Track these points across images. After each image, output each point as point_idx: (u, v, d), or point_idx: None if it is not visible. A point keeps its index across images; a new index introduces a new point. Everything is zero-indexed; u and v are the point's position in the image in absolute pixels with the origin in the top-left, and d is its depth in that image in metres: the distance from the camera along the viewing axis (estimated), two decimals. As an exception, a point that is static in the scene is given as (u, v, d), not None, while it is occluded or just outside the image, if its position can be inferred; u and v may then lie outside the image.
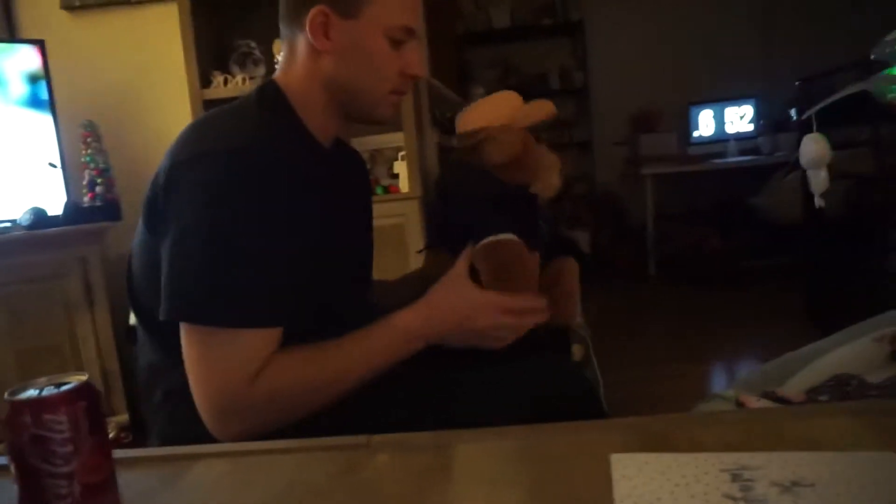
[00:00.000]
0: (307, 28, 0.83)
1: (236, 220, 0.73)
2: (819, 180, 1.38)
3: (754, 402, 1.14)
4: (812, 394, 1.22)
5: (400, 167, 2.12)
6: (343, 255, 0.89)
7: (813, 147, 1.37)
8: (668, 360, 2.63)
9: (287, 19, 0.87)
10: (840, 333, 1.50)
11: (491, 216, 0.82)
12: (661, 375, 2.43)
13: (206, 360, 0.73)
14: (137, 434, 1.94)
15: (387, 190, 2.12)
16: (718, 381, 2.48)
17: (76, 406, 0.47)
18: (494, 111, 0.88)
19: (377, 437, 0.65)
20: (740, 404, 1.15)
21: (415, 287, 0.89)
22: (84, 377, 0.49)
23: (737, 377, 2.36)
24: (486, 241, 0.80)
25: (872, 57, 1.32)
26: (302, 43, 0.85)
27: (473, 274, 0.85)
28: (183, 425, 0.75)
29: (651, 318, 3.49)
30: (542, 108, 0.90)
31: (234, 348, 0.73)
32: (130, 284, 0.86)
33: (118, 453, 0.56)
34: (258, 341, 0.74)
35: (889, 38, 1.27)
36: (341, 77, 0.85)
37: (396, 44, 0.85)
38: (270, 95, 0.86)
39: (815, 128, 1.37)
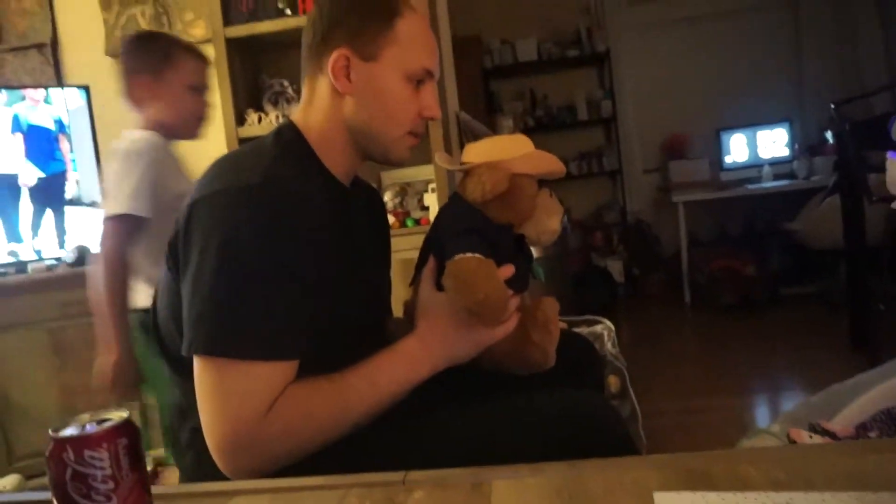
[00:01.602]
0: (329, 70, 0.85)
1: (249, 254, 0.74)
2: None
3: (805, 438, 1.10)
4: (861, 430, 1.17)
5: (430, 199, 2.14)
6: (360, 290, 0.89)
7: None
8: (707, 391, 2.55)
9: (308, 61, 0.89)
10: (888, 365, 1.44)
11: (461, 239, 0.82)
12: (699, 407, 2.37)
13: (219, 393, 0.73)
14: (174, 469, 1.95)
15: (418, 222, 2.13)
16: (760, 413, 2.39)
17: (117, 443, 0.47)
18: (494, 150, 0.88)
19: (413, 474, 0.64)
20: (791, 440, 1.11)
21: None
22: (125, 414, 0.50)
23: (780, 410, 2.27)
24: (451, 259, 0.80)
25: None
26: (323, 84, 0.88)
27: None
28: (210, 465, 0.75)
29: (688, 347, 3.41)
30: (547, 161, 0.89)
31: (248, 381, 0.73)
32: (155, 323, 0.88)
33: (157, 489, 0.56)
34: (273, 375, 0.74)
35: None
36: (361, 118, 0.87)
37: (415, 85, 0.87)
38: (288, 135, 0.88)
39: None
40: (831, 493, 0.51)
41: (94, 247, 1.37)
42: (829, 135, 3.91)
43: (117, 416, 0.50)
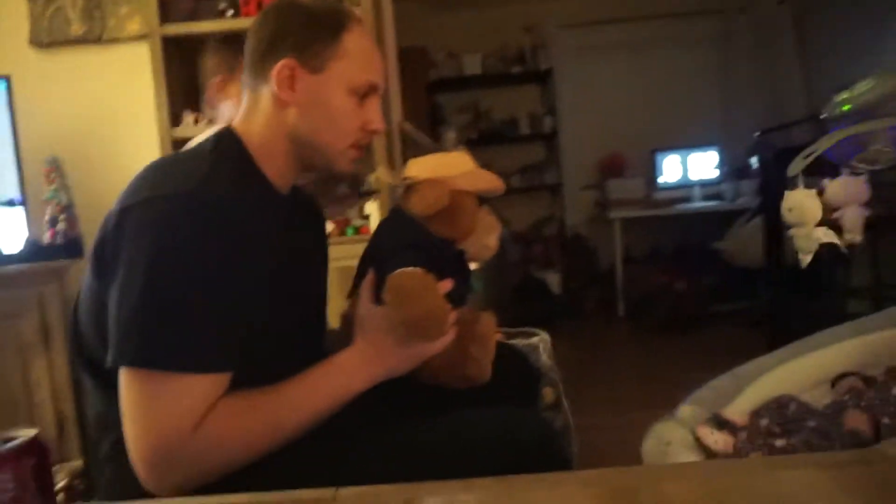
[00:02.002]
0: (273, 80, 0.84)
1: (183, 264, 0.72)
2: (811, 237, 1.38)
3: (709, 436, 1.17)
4: (755, 416, 1.27)
5: (371, 208, 2.12)
6: (296, 301, 0.88)
7: (806, 203, 1.36)
8: (639, 403, 2.63)
9: (252, 68, 0.88)
10: (784, 349, 1.55)
11: (402, 254, 0.83)
12: (631, 419, 2.43)
13: (147, 405, 0.70)
14: (91, 481, 1.85)
15: (357, 231, 2.11)
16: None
17: (23, 463, 0.44)
18: (437, 166, 0.90)
19: (343, 491, 0.63)
20: (698, 439, 1.18)
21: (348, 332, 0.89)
22: (33, 432, 0.47)
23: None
24: (392, 273, 0.81)
25: (823, 116, 1.38)
26: (265, 93, 0.86)
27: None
28: (131, 480, 0.72)
29: (620, 361, 3.50)
30: (487, 179, 0.92)
31: (177, 394, 0.70)
32: (76, 332, 0.84)
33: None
34: (204, 387, 0.72)
35: (837, 99, 1.33)
36: (304, 129, 0.86)
37: (359, 99, 0.87)
38: (227, 142, 0.86)
39: (802, 183, 1.37)
40: (748, 508, 0.53)
41: (7, 246, 1.29)
42: (753, 160, 4.13)
43: (25, 433, 0.47)
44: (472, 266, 1.00)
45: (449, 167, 0.89)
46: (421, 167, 0.90)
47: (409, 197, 0.87)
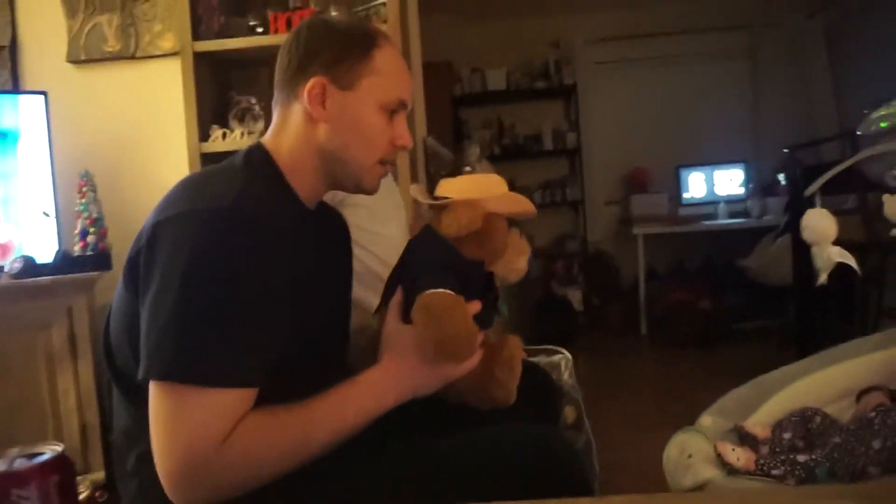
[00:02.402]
0: (304, 97, 0.85)
1: (216, 278, 0.72)
2: (825, 256, 1.37)
3: (730, 453, 1.15)
4: (778, 429, 1.23)
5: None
6: (321, 316, 0.88)
7: (822, 222, 1.36)
8: (661, 423, 2.57)
9: (283, 86, 0.89)
10: (809, 360, 1.51)
11: (433, 275, 0.82)
12: (653, 438, 2.38)
13: (175, 419, 0.71)
14: (114, 492, 1.86)
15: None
16: (712, 447, 2.42)
17: (48, 480, 0.45)
18: (471, 187, 0.90)
19: (363, 512, 0.63)
20: (719, 455, 1.16)
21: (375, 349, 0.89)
22: (59, 448, 0.47)
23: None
24: (423, 293, 0.80)
25: (859, 133, 1.36)
26: (297, 110, 0.88)
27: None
28: (156, 494, 0.72)
29: (642, 379, 3.45)
30: (520, 203, 0.92)
31: (205, 409, 0.71)
32: (108, 344, 0.85)
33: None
34: (232, 401, 0.72)
35: (874, 115, 1.31)
36: (334, 146, 0.87)
37: (389, 115, 0.89)
38: (258, 158, 0.87)
39: (819, 202, 1.36)
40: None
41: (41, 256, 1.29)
42: (781, 177, 4.07)
43: (50, 449, 0.47)
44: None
45: (483, 189, 0.89)
46: (455, 188, 0.90)
47: (442, 217, 0.87)
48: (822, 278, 1.40)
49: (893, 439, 1.11)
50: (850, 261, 1.37)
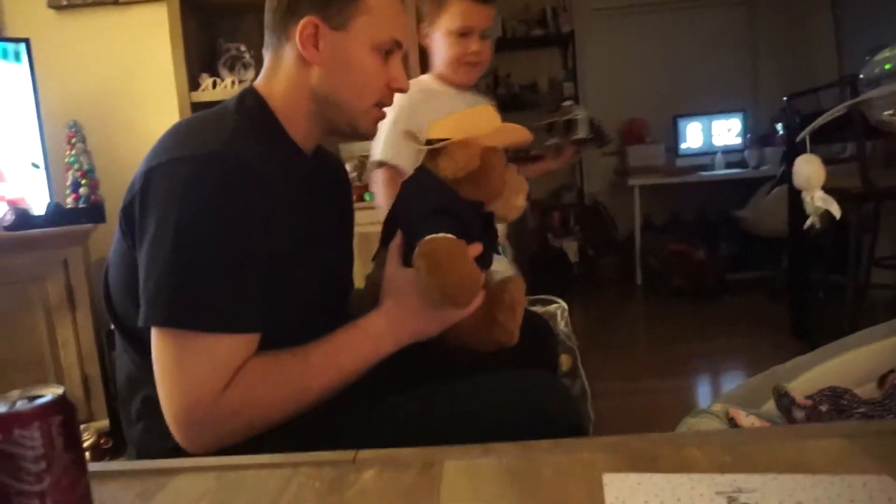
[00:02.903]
0: (297, 38, 0.83)
1: (210, 224, 0.71)
2: (820, 201, 1.37)
3: (743, 419, 1.15)
4: (816, 402, 1.24)
5: (389, 174, 2.11)
6: (322, 262, 0.88)
7: (807, 168, 1.37)
8: (655, 372, 2.63)
9: (274, 28, 0.86)
10: (824, 348, 1.51)
11: (433, 219, 0.81)
12: (647, 387, 2.44)
13: (177, 365, 0.71)
14: (118, 440, 1.90)
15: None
16: (703, 394, 2.48)
17: (50, 421, 0.45)
18: (464, 124, 0.87)
19: (363, 453, 0.64)
20: (731, 419, 1.16)
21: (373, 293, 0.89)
22: (60, 390, 0.47)
23: (722, 391, 2.36)
24: (423, 239, 0.79)
25: (861, 76, 1.33)
26: (289, 52, 0.85)
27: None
28: (160, 436, 0.73)
29: (637, 329, 3.50)
30: (515, 133, 0.90)
31: (208, 354, 0.71)
32: (108, 292, 0.85)
33: (93, 467, 0.54)
34: (233, 347, 0.72)
35: (878, 58, 1.28)
36: (328, 88, 0.85)
37: (384, 56, 0.86)
38: (251, 102, 0.85)
39: (808, 148, 1.37)
40: (773, 475, 0.52)
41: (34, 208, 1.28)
42: (779, 126, 4.03)
43: (51, 391, 0.47)
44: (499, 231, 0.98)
45: (476, 125, 0.87)
46: (447, 127, 0.87)
47: (439, 159, 0.85)
48: (808, 223, 1.40)
49: None
50: (833, 207, 1.36)
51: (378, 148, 1.45)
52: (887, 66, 1.28)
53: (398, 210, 0.90)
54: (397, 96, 1.48)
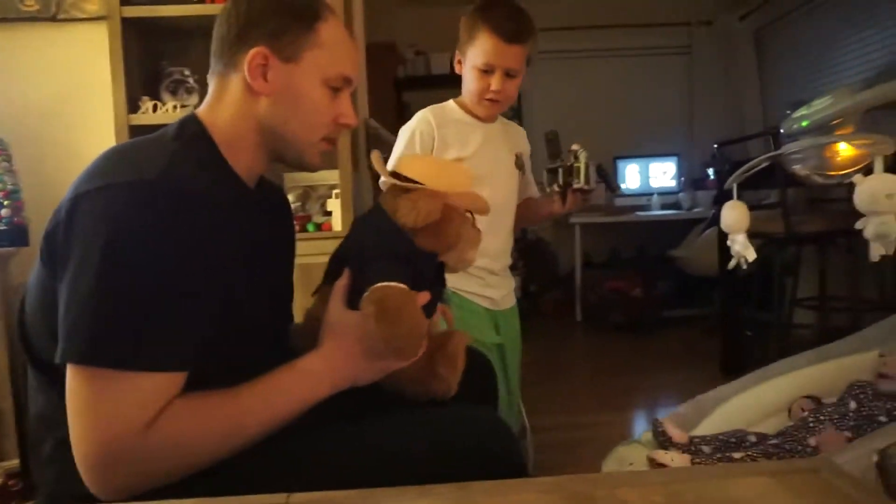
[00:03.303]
0: (245, 68, 0.82)
1: (136, 257, 0.68)
2: (739, 245, 1.46)
3: (664, 456, 1.19)
4: (697, 440, 1.30)
5: (333, 205, 2.09)
6: (260, 296, 0.85)
7: (732, 214, 1.46)
8: (593, 407, 2.67)
9: (221, 55, 0.85)
10: (745, 378, 1.59)
11: (386, 265, 0.80)
12: (585, 421, 2.47)
13: (94, 404, 0.67)
14: (28, 481, 1.77)
15: (319, 227, 2.08)
16: (639, 426, 2.53)
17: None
18: (437, 176, 0.87)
19: (296, 497, 0.62)
20: (651, 460, 1.20)
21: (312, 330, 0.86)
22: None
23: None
24: (376, 285, 0.77)
25: (782, 130, 1.43)
26: (235, 81, 0.84)
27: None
28: (75, 482, 0.68)
29: (577, 364, 3.55)
30: (478, 203, 0.90)
31: (126, 394, 0.67)
32: (23, 324, 0.80)
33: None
34: (155, 386, 0.69)
35: (796, 115, 1.38)
36: (275, 120, 0.84)
37: (333, 91, 0.86)
38: (192, 130, 0.83)
39: (735, 195, 1.45)
40: (701, 516, 0.54)
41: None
42: (711, 171, 4.25)
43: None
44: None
45: (450, 181, 0.87)
46: (419, 170, 0.86)
47: (400, 202, 0.84)
48: (732, 263, 1.49)
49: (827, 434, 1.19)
50: (749, 252, 1.45)
51: (393, 161, 1.45)
52: (804, 124, 1.38)
53: (348, 249, 0.88)
54: (414, 118, 1.51)
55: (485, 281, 1.55)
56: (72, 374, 0.68)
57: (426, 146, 1.45)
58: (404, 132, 1.51)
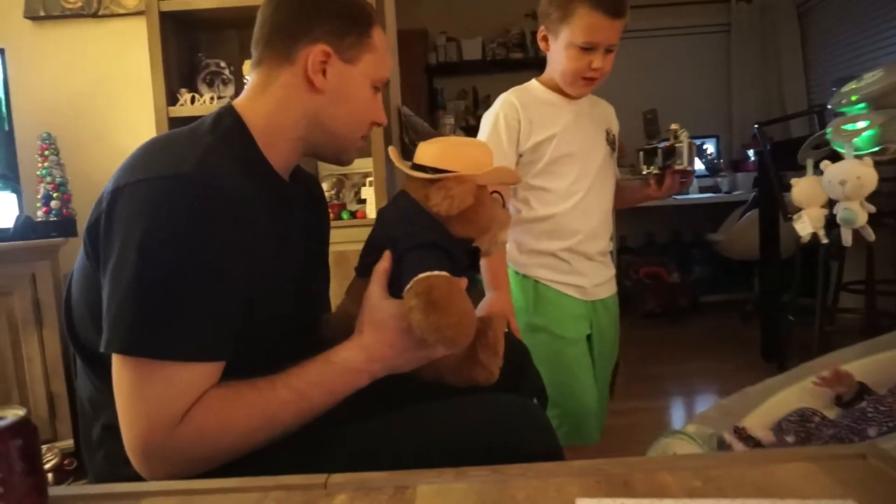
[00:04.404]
0: (306, 63, 0.83)
1: (175, 248, 0.70)
2: (814, 218, 1.40)
3: (736, 443, 1.16)
4: (777, 432, 1.25)
5: (367, 193, 2.11)
6: (295, 287, 0.86)
7: (807, 188, 1.40)
8: (630, 394, 2.64)
9: (271, 48, 0.85)
10: (793, 371, 1.54)
11: (426, 254, 0.78)
12: (621, 408, 2.45)
13: (136, 394, 0.69)
14: (83, 461, 1.84)
15: (354, 215, 2.10)
16: (676, 414, 2.50)
17: (9, 445, 0.44)
18: (458, 158, 0.85)
19: (334, 477, 0.63)
20: (722, 441, 1.17)
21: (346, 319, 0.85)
22: (21, 412, 0.46)
23: (695, 412, 2.38)
24: (419, 276, 0.75)
25: (829, 107, 1.38)
26: (287, 73, 0.85)
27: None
28: (121, 464, 0.71)
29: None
30: (507, 175, 0.90)
31: (166, 383, 0.69)
32: (69, 314, 0.82)
33: (55, 490, 0.52)
34: (193, 377, 0.71)
35: (844, 89, 1.33)
36: (326, 116, 0.87)
37: (375, 92, 0.91)
38: (228, 122, 0.84)
39: (810, 170, 1.40)
40: (741, 500, 0.53)
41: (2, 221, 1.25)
42: (751, 153, 4.13)
43: (13, 413, 0.46)
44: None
45: (472, 161, 0.85)
46: (441, 157, 0.85)
47: (431, 193, 0.82)
48: (805, 238, 1.42)
49: (888, 423, 1.15)
50: (819, 227, 1.40)
51: None
52: (853, 98, 1.33)
53: (379, 241, 0.86)
54: (497, 102, 1.43)
55: (571, 266, 1.42)
56: (116, 364, 0.70)
57: (512, 130, 1.38)
58: (488, 118, 1.43)
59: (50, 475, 1.69)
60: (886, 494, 0.54)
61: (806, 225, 1.43)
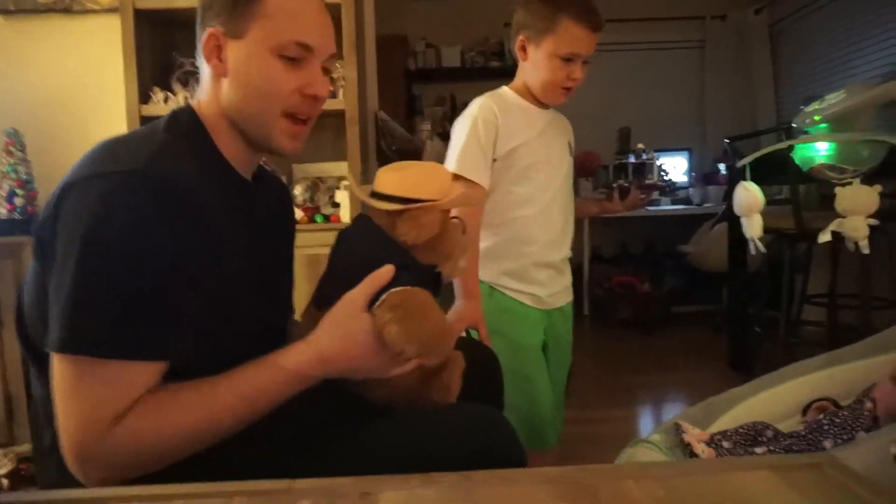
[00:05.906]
0: (202, 51, 0.82)
1: (120, 245, 0.68)
2: (752, 225, 1.45)
3: (697, 445, 1.19)
4: (719, 436, 1.29)
5: (342, 196, 2.10)
6: (257, 288, 0.84)
7: (745, 194, 1.45)
8: (600, 402, 2.66)
9: (197, 43, 0.85)
10: (759, 380, 1.57)
11: (398, 276, 0.78)
12: (590, 417, 2.47)
13: (72, 394, 0.67)
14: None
15: (327, 219, 2.08)
16: (645, 424, 2.53)
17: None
18: (421, 184, 0.84)
19: (299, 482, 0.62)
20: (682, 442, 1.19)
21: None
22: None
23: (663, 421, 2.41)
24: (391, 290, 0.75)
25: (794, 125, 1.42)
26: (204, 66, 0.84)
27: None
28: (72, 475, 0.69)
29: (582, 360, 3.54)
30: (471, 198, 0.90)
31: (102, 384, 0.67)
32: (20, 315, 0.80)
33: (8, 497, 0.51)
34: (132, 376, 0.69)
35: (808, 109, 1.37)
36: (234, 99, 0.82)
37: (291, 62, 0.81)
38: (184, 120, 0.83)
39: (748, 177, 1.45)
40: (702, 508, 0.54)
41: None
42: (722, 166, 4.21)
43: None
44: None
45: (432, 186, 0.84)
46: (402, 182, 0.84)
47: (398, 220, 0.82)
48: (758, 246, 1.47)
49: (843, 437, 1.18)
50: (756, 231, 1.44)
51: (452, 160, 1.39)
52: (816, 118, 1.37)
53: (342, 267, 0.85)
54: (473, 106, 1.42)
55: (529, 275, 1.44)
56: (55, 363, 0.68)
57: (490, 134, 1.39)
58: (464, 121, 1.44)
59: (5, 481, 1.64)
60: (840, 502, 0.56)
61: (748, 229, 1.48)
